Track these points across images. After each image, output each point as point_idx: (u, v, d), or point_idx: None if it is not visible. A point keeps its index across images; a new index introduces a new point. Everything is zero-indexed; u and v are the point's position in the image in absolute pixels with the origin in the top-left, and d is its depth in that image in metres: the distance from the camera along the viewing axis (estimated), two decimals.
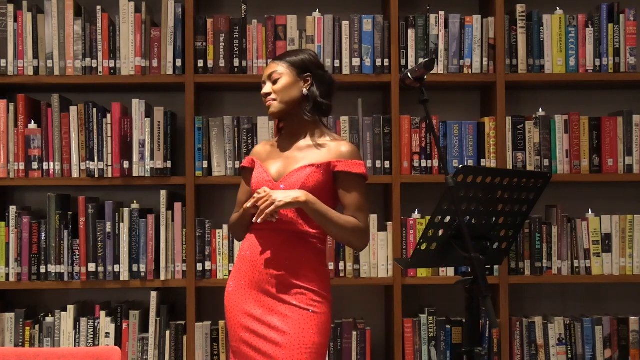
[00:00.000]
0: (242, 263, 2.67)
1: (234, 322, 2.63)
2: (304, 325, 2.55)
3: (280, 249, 2.61)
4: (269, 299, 2.59)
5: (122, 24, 3.55)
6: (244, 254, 2.67)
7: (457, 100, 3.84)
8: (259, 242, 2.64)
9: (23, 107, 3.54)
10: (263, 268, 2.60)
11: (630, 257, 3.58)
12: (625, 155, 3.60)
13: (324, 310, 2.61)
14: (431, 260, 2.38)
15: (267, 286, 2.59)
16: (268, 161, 2.72)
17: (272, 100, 2.69)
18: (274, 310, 2.58)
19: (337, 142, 2.67)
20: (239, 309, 2.62)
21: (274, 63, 2.72)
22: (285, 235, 2.61)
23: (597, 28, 3.61)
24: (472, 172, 2.27)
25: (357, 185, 2.63)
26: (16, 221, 3.52)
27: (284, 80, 2.68)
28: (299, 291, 2.58)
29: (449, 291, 3.53)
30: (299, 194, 2.54)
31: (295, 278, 2.59)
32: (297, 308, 2.57)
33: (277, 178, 2.66)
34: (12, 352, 2.64)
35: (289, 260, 2.60)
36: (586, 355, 3.56)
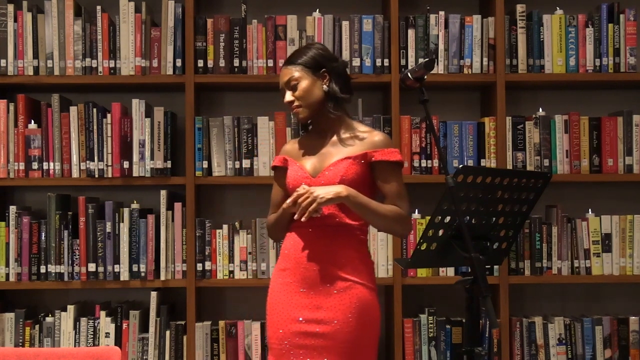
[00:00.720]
0: (285, 261, 2.65)
1: (278, 322, 2.61)
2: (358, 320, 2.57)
3: (323, 244, 2.60)
4: (316, 295, 2.59)
5: (122, 24, 3.55)
6: (287, 252, 2.66)
7: (457, 100, 3.84)
8: (301, 238, 2.63)
9: (23, 107, 3.54)
10: (308, 264, 2.60)
11: (630, 257, 3.58)
12: (625, 155, 3.60)
13: (373, 302, 2.62)
14: (431, 260, 2.38)
15: (314, 282, 2.59)
16: (301, 158, 2.71)
17: (297, 107, 2.67)
18: (322, 306, 2.57)
19: (369, 132, 2.68)
20: (285, 314, 2.60)
21: (287, 69, 2.68)
22: (327, 229, 2.61)
23: (597, 28, 3.61)
24: (472, 172, 2.27)
25: (395, 173, 2.64)
26: (16, 221, 3.52)
27: (302, 84, 2.65)
28: (346, 285, 2.58)
29: (449, 291, 3.53)
30: (340, 189, 2.53)
31: (342, 271, 2.59)
32: (343, 301, 2.56)
33: (314, 174, 2.65)
34: (12, 352, 2.64)
35: (334, 254, 2.59)
36: (586, 355, 3.56)
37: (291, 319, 2.60)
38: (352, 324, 2.56)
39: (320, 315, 2.57)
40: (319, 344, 2.56)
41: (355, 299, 2.58)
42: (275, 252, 3.54)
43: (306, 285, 2.60)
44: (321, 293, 2.58)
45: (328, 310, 2.57)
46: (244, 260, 3.56)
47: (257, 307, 3.74)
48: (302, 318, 2.58)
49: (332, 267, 2.58)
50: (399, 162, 2.64)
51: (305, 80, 2.65)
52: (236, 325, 3.56)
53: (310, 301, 2.59)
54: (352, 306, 2.57)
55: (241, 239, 3.56)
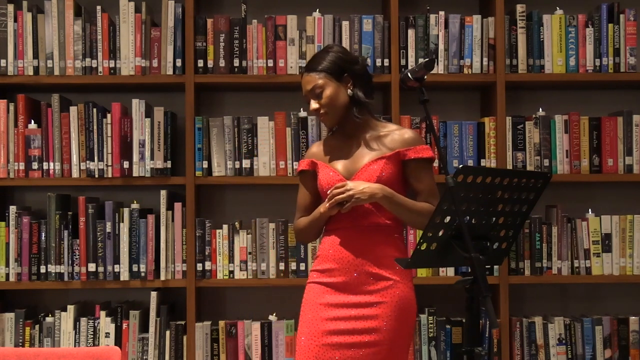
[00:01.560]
0: (326, 262, 2.65)
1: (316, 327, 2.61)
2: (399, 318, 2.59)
3: (363, 244, 2.61)
4: (358, 294, 2.59)
5: (122, 24, 3.55)
6: (326, 253, 2.66)
7: (457, 100, 3.84)
8: (341, 239, 2.63)
9: (23, 107, 3.54)
10: (349, 265, 2.61)
11: (630, 257, 3.58)
12: (625, 155, 3.60)
13: (412, 301, 2.65)
14: (431, 260, 2.38)
15: (356, 282, 2.60)
16: (331, 161, 2.71)
17: (324, 115, 2.67)
18: (364, 305, 2.58)
19: (398, 130, 2.69)
20: (324, 313, 2.61)
21: (310, 76, 2.67)
22: (365, 229, 2.62)
23: (597, 28, 3.61)
24: (472, 172, 2.27)
25: (427, 170, 2.66)
26: (16, 221, 3.52)
27: (327, 91, 2.64)
28: (388, 283, 2.60)
29: (449, 291, 3.53)
30: (376, 190, 2.54)
31: (384, 270, 2.60)
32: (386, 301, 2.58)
33: (347, 176, 2.65)
34: (12, 352, 2.64)
35: (374, 253, 2.60)
36: (586, 355, 3.56)
37: (330, 319, 2.60)
38: (392, 322, 2.58)
39: (361, 313, 2.58)
40: (359, 342, 2.57)
41: (397, 298, 2.60)
42: (276, 252, 3.54)
43: (348, 286, 2.61)
44: (363, 292, 2.59)
45: (370, 309, 2.58)
46: (244, 260, 3.56)
47: (257, 307, 3.74)
48: (340, 317, 2.59)
49: (374, 267, 2.60)
50: (430, 158, 2.66)
51: (330, 88, 2.65)
52: (236, 325, 3.56)
53: (349, 300, 2.60)
54: (393, 304, 2.59)
55: (241, 239, 3.56)
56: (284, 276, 3.54)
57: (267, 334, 3.55)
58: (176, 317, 3.63)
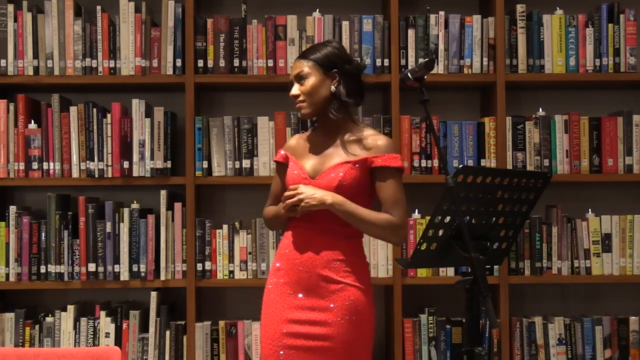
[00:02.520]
0: (281, 261, 2.67)
1: (272, 322, 2.63)
2: (351, 322, 2.57)
3: (317, 246, 2.60)
4: (310, 297, 2.59)
5: (122, 24, 3.55)
6: (282, 251, 2.68)
7: (457, 100, 3.84)
8: (297, 239, 2.64)
9: (23, 107, 3.54)
10: (302, 266, 2.60)
11: (630, 257, 3.58)
12: (625, 155, 3.60)
13: (366, 304, 2.62)
14: (431, 260, 2.38)
15: (307, 284, 2.59)
16: (302, 157, 2.70)
17: (300, 102, 2.66)
18: (315, 308, 2.58)
19: (373, 136, 2.66)
20: (278, 314, 2.61)
21: (300, 62, 2.67)
22: (322, 231, 2.61)
23: (597, 28, 3.61)
24: (472, 172, 2.27)
25: (394, 179, 2.61)
26: (16, 221, 3.52)
27: (310, 80, 2.64)
28: (338, 287, 2.58)
29: (449, 291, 3.53)
30: (326, 196, 2.54)
31: (335, 273, 2.59)
32: (336, 304, 2.57)
33: (313, 175, 2.64)
34: (12, 352, 2.64)
35: (327, 256, 2.59)
36: (586, 355, 3.56)
37: (283, 320, 2.60)
38: (345, 326, 2.56)
39: (313, 317, 2.57)
40: (312, 346, 2.56)
41: (348, 301, 2.58)
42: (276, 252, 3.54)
43: (300, 287, 2.60)
44: (315, 295, 2.59)
45: (321, 313, 2.57)
46: (244, 260, 3.56)
47: (257, 307, 3.72)
48: (295, 319, 2.58)
49: (325, 270, 2.59)
50: (398, 168, 2.61)
51: (314, 77, 2.64)
52: (236, 325, 3.56)
53: (303, 303, 2.59)
54: (344, 308, 2.57)
55: (241, 239, 3.56)
56: None
57: None
58: (176, 317, 3.63)
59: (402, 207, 2.60)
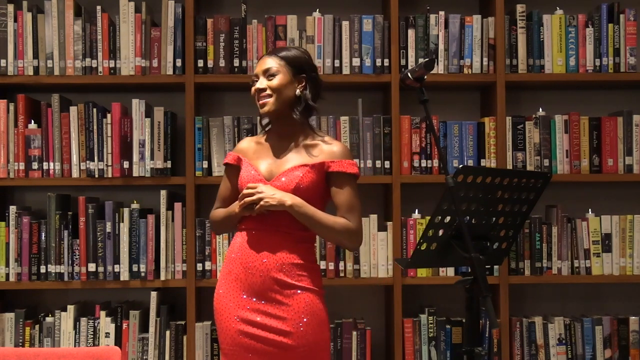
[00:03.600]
0: (231, 264, 2.64)
1: (227, 326, 2.60)
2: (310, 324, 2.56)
3: (268, 248, 2.58)
4: (264, 301, 2.57)
5: (122, 24, 3.55)
6: (234, 255, 2.64)
7: (457, 100, 3.84)
8: (249, 242, 2.61)
9: (23, 107, 3.54)
10: (254, 270, 2.58)
11: (630, 257, 3.58)
12: (625, 155, 3.60)
13: (320, 306, 2.61)
14: (431, 260, 2.38)
15: (261, 288, 2.57)
16: (256, 159, 2.69)
17: (267, 97, 2.64)
18: (270, 312, 2.56)
19: (328, 142, 2.67)
20: (231, 314, 2.59)
21: (270, 58, 2.68)
22: (276, 233, 2.59)
23: (597, 28, 3.61)
24: (472, 172, 2.27)
25: (349, 185, 2.62)
26: (16, 221, 3.52)
27: (280, 78, 2.64)
28: (292, 291, 2.57)
29: (449, 291, 3.53)
30: (285, 197, 2.54)
31: (289, 277, 2.57)
32: (291, 307, 2.56)
33: (268, 177, 2.64)
34: (12, 352, 2.64)
35: (280, 260, 2.58)
36: (586, 355, 3.56)
37: (239, 322, 2.57)
38: (304, 330, 2.55)
39: (269, 322, 2.55)
40: (269, 351, 2.55)
41: (304, 304, 2.57)
42: None
43: (253, 292, 2.58)
44: (269, 299, 2.56)
45: (277, 320, 2.55)
46: None
47: None
48: (250, 321, 2.56)
49: (280, 273, 2.57)
50: (354, 174, 2.64)
51: (283, 76, 2.64)
52: None
53: (258, 307, 2.57)
54: (300, 312, 2.56)
55: None
56: None
57: None
58: (176, 317, 3.63)
59: (357, 212, 2.62)
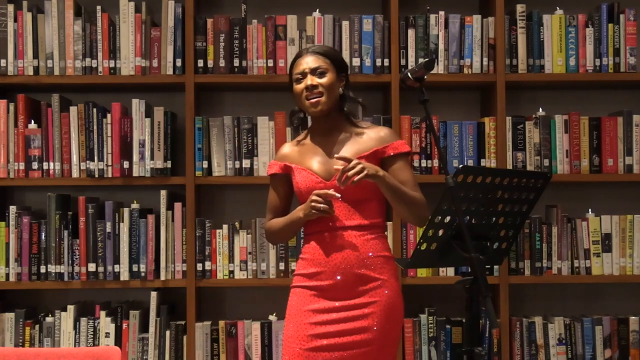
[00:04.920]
0: (312, 266, 2.61)
1: (301, 330, 2.58)
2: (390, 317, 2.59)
3: (344, 246, 2.58)
4: (345, 297, 2.57)
5: (122, 24, 3.55)
6: (309, 256, 2.62)
7: (457, 100, 3.84)
8: (322, 243, 2.60)
9: (23, 107, 3.54)
10: (336, 268, 2.57)
11: (630, 257, 3.58)
12: (625, 155, 3.60)
13: (400, 299, 2.64)
14: (431, 260, 2.38)
15: (344, 285, 2.57)
16: (303, 163, 2.67)
17: (319, 95, 2.61)
18: (354, 307, 2.57)
19: (374, 128, 2.69)
20: (306, 318, 2.58)
21: (317, 57, 2.65)
22: (344, 230, 2.58)
23: (597, 28, 3.61)
24: (472, 172, 2.27)
25: (407, 164, 2.66)
26: (16, 221, 3.52)
27: (329, 76, 2.63)
28: (375, 284, 2.58)
29: (449, 291, 3.53)
30: (378, 168, 2.53)
31: (371, 271, 2.58)
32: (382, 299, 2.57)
33: (326, 177, 2.62)
34: (12, 352, 2.64)
35: (357, 254, 2.57)
36: (586, 355, 3.56)
37: (318, 323, 2.57)
38: (383, 321, 2.57)
39: (351, 314, 2.56)
40: (351, 342, 2.55)
41: (386, 297, 2.59)
42: (276, 252, 3.54)
43: (335, 289, 2.58)
44: (352, 295, 2.57)
45: (360, 311, 2.57)
46: (244, 260, 3.55)
47: (257, 307, 3.74)
48: (331, 320, 2.57)
49: (360, 268, 2.57)
50: (409, 152, 2.68)
51: (332, 74, 2.64)
52: (236, 325, 3.56)
53: (339, 304, 2.57)
54: (383, 303, 2.58)
55: (241, 239, 3.56)
56: (284, 276, 3.54)
57: (267, 334, 3.55)
58: (176, 317, 3.63)
59: (418, 187, 2.65)
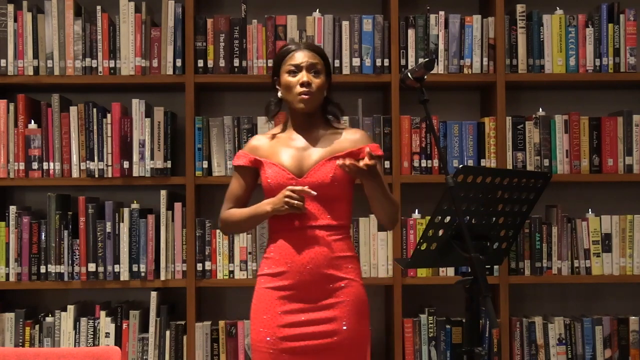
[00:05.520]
0: (277, 265, 2.61)
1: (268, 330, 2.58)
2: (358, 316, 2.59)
3: (312, 245, 2.58)
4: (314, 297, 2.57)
5: (122, 24, 3.55)
6: (277, 257, 2.61)
7: (457, 100, 3.84)
8: (289, 242, 2.60)
9: (23, 107, 3.54)
10: (302, 268, 2.57)
11: (630, 257, 3.58)
12: (625, 155, 3.60)
13: (366, 297, 2.65)
14: (431, 260, 2.38)
15: (310, 284, 2.57)
16: (276, 156, 2.66)
17: (310, 95, 2.61)
18: (320, 307, 2.57)
19: (349, 130, 2.70)
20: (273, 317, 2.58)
21: (314, 55, 2.65)
22: (313, 230, 2.58)
23: (597, 28, 3.61)
24: (472, 172, 2.27)
25: (381, 166, 2.67)
26: (16, 221, 3.52)
27: (322, 77, 2.65)
28: (342, 283, 2.58)
29: (449, 291, 3.53)
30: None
31: (335, 270, 2.58)
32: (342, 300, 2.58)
33: (298, 173, 2.62)
34: (12, 352, 2.64)
35: (325, 254, 2.57)
36: (586, 355, 3.56)
37: (287, 324, 2.57)
38: (352, 321, 2.57)
39: (319, 315, 2.56)
40: (320, 344, 2.55)
41: (353, 297, 2.60)
42: None
43: (302, 289, 2.57)
44: (319, 295, 2.57)
45: (328, 311, 2.57)
46: (244, 260, 3.55)
47: None
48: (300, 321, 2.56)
49: (328, 268, 2.57)
50: (382, 156, 2.72)
51: (324, 76, 2.66)
52: (236, 325, 3.56)
53: (307, 305, 2.57)
54: (351, 303, 2.58)
55: (241, 239, 3.55)
56: None
57: None
58: (176, 317, 3.63)
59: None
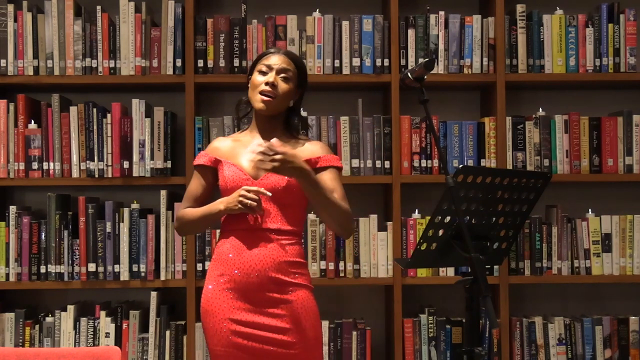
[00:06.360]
0: (224, 267, 2.59)
1: (219, 327, 2.57)
2: (308, 320, 2.57)
3: (262, 247, 2.56)
4: (260, 300, 2.55)
5: (122, 24, 3.55)
6: (224, 256, 2.60)
7: (457, 100, 3.84)
8: (239, 242, 2.59)
9: (23, 107, 3.54)
10: (250, 270, 2.55)
11: (630, 257, 3.58)
12: (625, 155, 3.60)
13: (314, 302, 2.63)
14: (431, 260, 2.38)
15: (257, 288, 2.55)
16: (235, 157, 2.66)
17: (271, 95, 2.61)
18: (267, 312, 2.55)
19: (310, 142, 2.71)
20: (224, 315, 2.57)
21: (289, 62, 2.66)
22: (264, 232, 2.57)
23: (597, 28, 3.61)
24: (472, 172, 2.27)
25: (337, 176, 2.66)
26: (16, 221, 3.52)
27: (290, 85, 2.65)
28: (288, 289, 2.57)
29: (449, 291, 3.53)
30: (306, 165, 2.50)
31: (285, 275, 2.57)
32: (288, 304, 2.56)
33: (255, 175, 2.62)
34: (12, 352, 2.64)
35: (274, 258, 2.56)
36: (586, 355, 3.56)
37: (232, 323, 2.56)
38: (300, 325, 2.56)
39: (266, 320, 2.55)
40: (267, 350, 2.54)
41: (301, 301, 2.58)
42: None
43: (249, 292, 2.56)
44: (266, 299, 2.56)
45: (274, 317, 2.55)
46: None
47: None
48: (245, 322, 2.55)
49: (275, 272, 2.56)
50: (341, 168, 2.70)
51: (293, 85, 2.66)
52: None
53: (254, 307, 2.56)
54: (298, 307, 2.57)
55: None
56: None
57: None
58: (176, 317, 3.63)
59: (347, 201, 2.63)
